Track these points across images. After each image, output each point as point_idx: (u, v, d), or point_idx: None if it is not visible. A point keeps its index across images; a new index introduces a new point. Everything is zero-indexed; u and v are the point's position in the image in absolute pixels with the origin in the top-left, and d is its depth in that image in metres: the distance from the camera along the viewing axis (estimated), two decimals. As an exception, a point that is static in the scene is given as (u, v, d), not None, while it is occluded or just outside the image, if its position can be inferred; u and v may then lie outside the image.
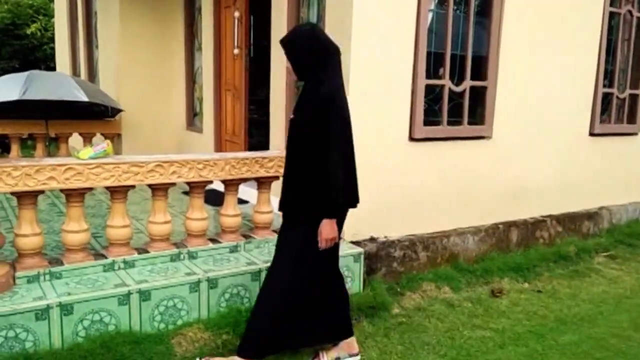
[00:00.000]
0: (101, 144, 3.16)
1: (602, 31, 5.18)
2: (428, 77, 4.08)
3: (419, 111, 4.04)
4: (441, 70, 4.20)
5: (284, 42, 2.74)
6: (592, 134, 5.34)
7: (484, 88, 4.44)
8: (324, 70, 2.64)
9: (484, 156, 4.53)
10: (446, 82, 4.21)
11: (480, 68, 4.42)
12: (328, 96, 2.58)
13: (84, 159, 3.02)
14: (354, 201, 2.80)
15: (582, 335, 3.54)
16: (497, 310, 3.87)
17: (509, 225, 4.80)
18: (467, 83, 4.33)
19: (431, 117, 4.19)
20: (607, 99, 5.49)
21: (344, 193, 2.64)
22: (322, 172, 2.58)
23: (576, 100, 5.15)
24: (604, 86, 5.37)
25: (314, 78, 2.67)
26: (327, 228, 2.67)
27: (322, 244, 2.69)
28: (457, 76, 4.31)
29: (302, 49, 2.68)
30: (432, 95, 4.18)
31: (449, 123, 4.29)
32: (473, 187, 4.51)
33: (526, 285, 4.38)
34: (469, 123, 4.41)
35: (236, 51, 5.39)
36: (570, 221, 5.27)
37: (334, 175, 2.57)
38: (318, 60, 2.65)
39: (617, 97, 5.58)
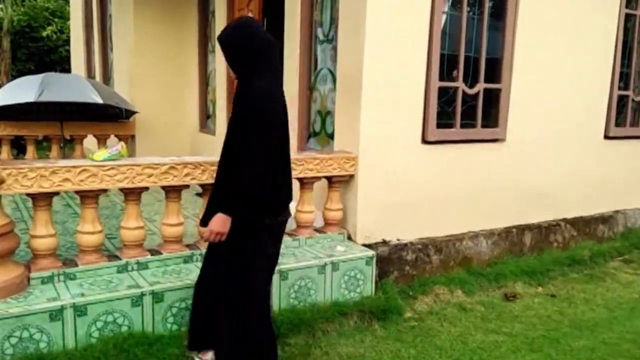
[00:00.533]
0: (115, 146, 3.17)
1: (617, 33, 5.12)
2: (441, 79, 4.06)
3: (432, 114, 4.02)
4: (455, 73, 4.18)
5: (219, 39, 2.56)
6: (607, 137, 5.27)
7: (498, 90, 4.41)
8: (258, 68, 2.46)
9: (497, 159, 4.50)
10: (460, 85, 4.19)
11: (494, 70, 4.39)
12: (257, 98, 2.42)
13: (98, 160, 3.04)
14: (277, 212, 2.63)
15: (596, 341, 3.50)
16: (511, 315, 3.85)
17: (523, 228, 4.76)
18: (481, 85, 4.31)
19: (444, 119, 4.17)
20: (622, 101, 5.42)
21: (260, 201, 2.48)
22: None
23: (591, 102, 5.09)
24: (619, 89, 5.31)
25: (247, 76, 2.49)
26: (218, 221, 2.45)
27: (206, 234, 2.50)
28: (471, 78, 4.28)
29: (236, 44, 2.49)
30: (446, 97, 4.16)
31: (463, 126, 4.26)
32: (486, 190, 4.47)
33: (540, 289, 4.34)
34: (483, 126, 4.38)
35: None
36: (584, 225, 5.22)
37: (246, 180, 2.40)
38: (252, 57, 2.47)
39: (633, 100, 5.51)
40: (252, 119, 2.40)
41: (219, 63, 6.04)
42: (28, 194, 2.94)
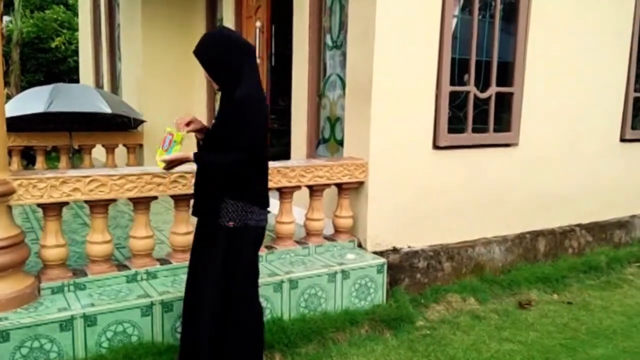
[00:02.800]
0: (167, 138, 2.61)
1: (633, 35, 5.05)
2: (452, 83, 4.02)
3: (443, 118, 3.98)
4: (466, 77, 4.14)
5: (197, 53, 2.52)
6: (623, 140, 5.20)
7: (511, 94, 4.37)
8: (240, 74, 2.45)
9: (510, 164, 4.44)
10: (471, 89, 4.14)
11: (507, 74, 4.35)
12: (242, 100, 2.42)
13: (163, 167, 2.62)
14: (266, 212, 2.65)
15: (615, 349, 3.43)
16: (525, 323, 3.78)
17: (537, 234, 4.69)
18: (493, 89, 4.26)
19: (456, 124, 4.12)
20: (638, 103, 5.34)
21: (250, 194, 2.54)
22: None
23: (606, 105, 5.02)
24: (635, 90, 5.22)
25: (231, 84, 2.47)
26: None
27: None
28: (483, 82, 4.24)
29: (216, 56, 2.48)
30: (457, 101, 4.12)
31: (474, 130, 4.21)
32: (499, 196, 4.41)
33: (555, 296, 4.27)
34: (495, 130, 4.33)
35: (257, 61, 5.39)
36: (600, 230, 5.13)
37: (219, 164, 2.50)
38: (233, 65, 2.46)
39: (649, 102, 5.43)
40: (236, 120, 2.43)
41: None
42: (38, 204, 2.94)
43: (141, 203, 3.22)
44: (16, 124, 5.83)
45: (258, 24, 5.34)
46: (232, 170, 2.49)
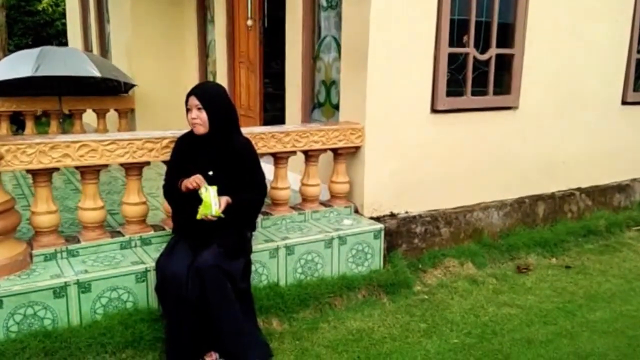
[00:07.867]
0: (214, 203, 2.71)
1: (637, -6, 4.91)
2: (451, 45, 3.90)
3: (441, 81, 3.88)
4: (465, 38, 4.01)
5: (202, 97, 2.86)
6: (624, 103, 5.10)
7: (511, 56, 4.25)
8: (235, 125, 2.96)
9: (510, 127, 4.37)
10: (470, 50, 4.02)
11: (507, 35, 4.21)
12: (251, 144, 3.03)
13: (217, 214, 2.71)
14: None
15: (613, 312, 3.44)
16: (524, 287, 3.78)
17: (536, 199, 4.65)
18: (493, 51, 4.14)
19: (454, 87, 4.02)
20: (641, 65, 5.23)
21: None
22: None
23: (608, 67, 4.91)
24: (638, 52, 5.10)
25: (226, 131, 2.89)
26: None
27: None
28: (482, 44, 4.11)
29: (225, 106, 2.92)
30: (456, 64, 4.01)
31: (474, 93, 4.12)
32: (498, 160, 4.36)
33: (554, 260, 4.27)
34: (495, 93, 4.23)
35: (250, 22, 5.23)
36: (600, 194, 5.09)
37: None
38: (234, 117, 2.96)
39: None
40: (256, 160, 3.01)
41: (218, 33, 5.87)
42: (28, 170, 2.88)
43: (133, 169, 3.16)
44: (3, 89, 5.71)
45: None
46: (262, 205, 3.09)
